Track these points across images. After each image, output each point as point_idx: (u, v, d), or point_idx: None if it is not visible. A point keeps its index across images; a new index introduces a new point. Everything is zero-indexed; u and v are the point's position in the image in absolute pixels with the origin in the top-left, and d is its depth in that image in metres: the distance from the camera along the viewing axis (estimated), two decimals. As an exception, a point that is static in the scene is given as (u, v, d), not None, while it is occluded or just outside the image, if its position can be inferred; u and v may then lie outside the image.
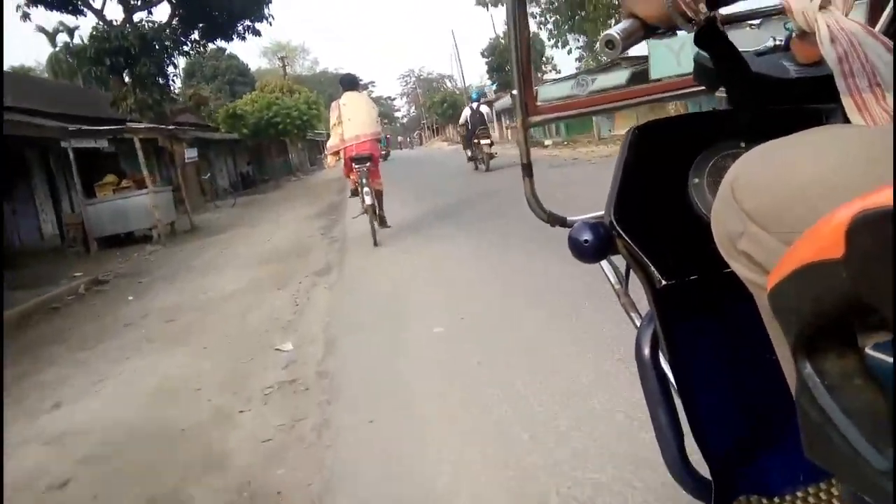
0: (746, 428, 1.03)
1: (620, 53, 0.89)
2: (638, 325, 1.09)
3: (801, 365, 0.54)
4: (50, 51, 30.90)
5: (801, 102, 0.94)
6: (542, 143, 24.98)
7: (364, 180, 6.88)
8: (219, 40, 18.83)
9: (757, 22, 1.10)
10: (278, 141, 27.93)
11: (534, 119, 1.12)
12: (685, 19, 0.83)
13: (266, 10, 18.37)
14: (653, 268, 0.95)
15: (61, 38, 28.88)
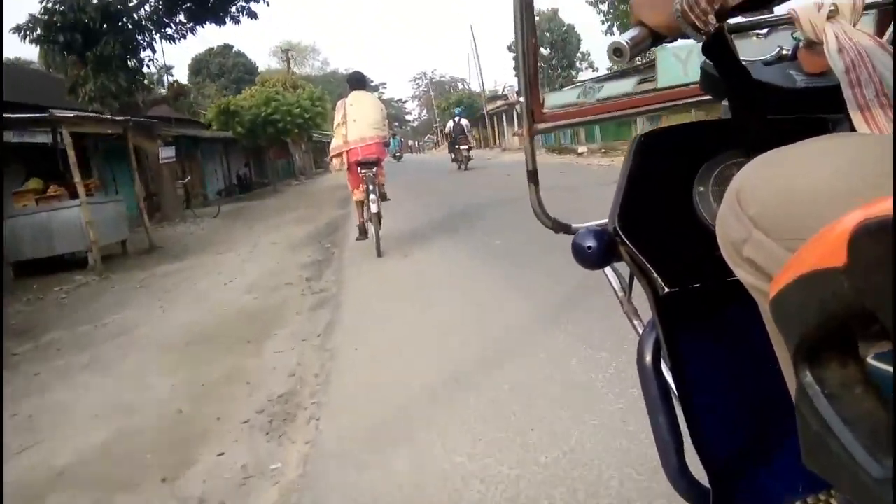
0: (747, 437, 1.02)
1: (629, 61, 0.88)
2: (640, 332, 1.09)
3: (801, 373, 0.54)
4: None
5: (808, 112, 0.94)
6: (575, 150, 22.12)
7: (371, 186, 6.35)
8: (208, 23, 15.95)
9: (764, 31, 1.08)
10: (280, 141, 25.09)
11: (540, 126, 1.14)
12: (694, 29, 0.80)
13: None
14: (656, 275, 0.95)
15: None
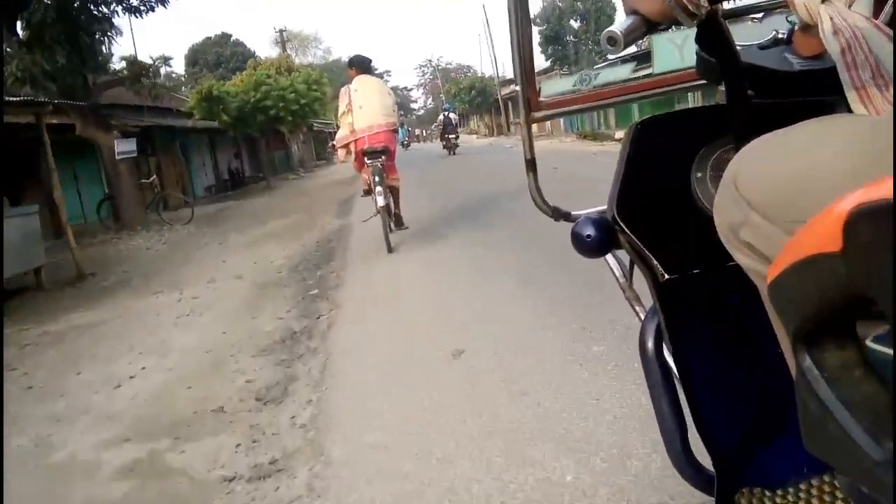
0: (750, 420, 1.02)
1: (623, 50, 0.87)
2: (642, 318, 1.08)
3: (800, 357, 0.54)
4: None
5: (805, 95, 0.92)
6: (611, 135, 19.28)
7: (378, 177, 5.79)
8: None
9: (759, 15, 1.08)
10: (274, 131, 22.31)
11: (537, 115, 1.13)
12: (687, 14, 0.81)
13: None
14: (656, 262, 0.96)
15: None
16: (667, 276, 0.95)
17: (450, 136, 22.87)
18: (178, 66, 50.21)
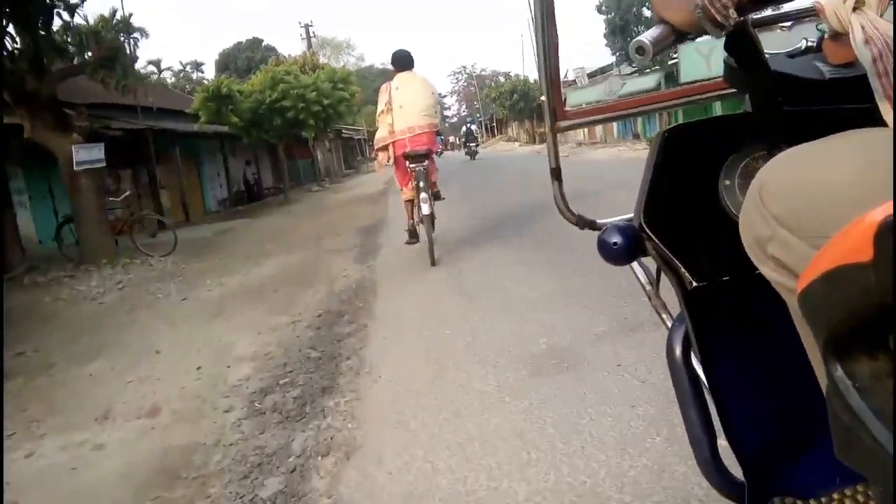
0: (780, 429, 1.02)
1: (651, 59, 0.87)
2: (669, 326, 1.09)
3: (831, 367, 0.54)
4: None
5: (836, 104, 0.91)
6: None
7: (422, 183, 5.34)
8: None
9: (789, 24, 1.09)
10: (294, 136, 19.59)
11: (562, 124, 1.14)
12: (715, 25, 0.80)
13: None
14: (683, 270, 0.96)
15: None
16: (695, 283, 0.95)
17: (471, 143, 27.80)
18: (209, 72, 48.71)
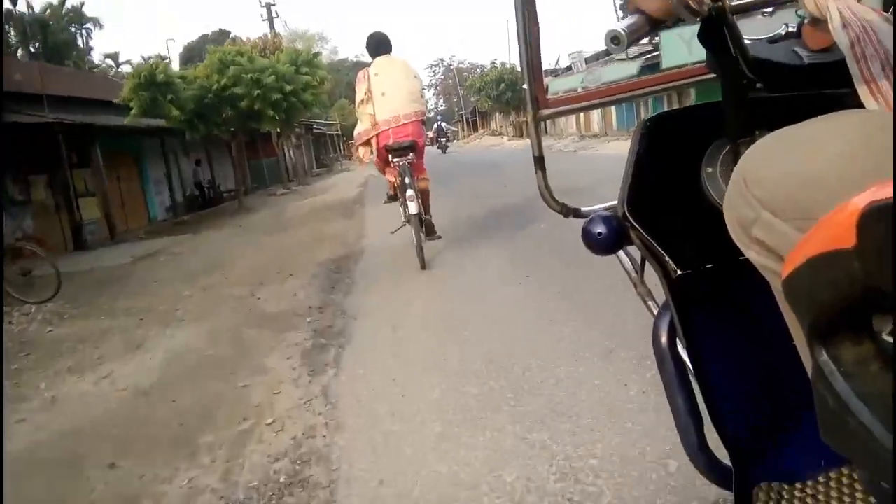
0: (766, 414, 1.02)
1: (626, 49, 0.89)
2: (655, 314, 1.09)
3: (816, 351, 0.54)
4: None
5: (815, 89, 0.93)
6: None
7: (407, 179, 4.81)
8: None
9: (770, 10, 1.09)
10: (261, 134, 16.64)
11: (545, 113, 1.13)
12: (690, 11, 0.82)
13: None
14: (667, 258, 0.97)
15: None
16: (679, 271, 0.96)
17: (441, 139, 31.61)
18: (174, 67, 45.46)
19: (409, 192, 4.73)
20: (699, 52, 0.98)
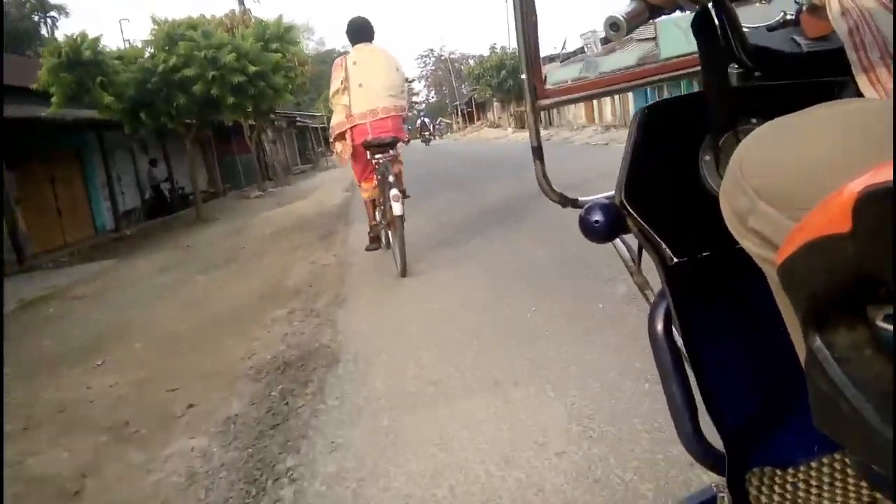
0: (759, 401, 1.03)
1: (625, 36, 0.89)
2: (651, 302, 1.09)
3: (810, 338, 0.54)
4: None
5: (814, 76, 0.92)
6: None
7: (389, 178, 4.38)
8: None
9: None
10: (210, 123, 13.74)
11: (543, 102, 1.13)
12: None
13: None
14: (664, 246, 0.97)
15: None
16: (675, 259, 0.96)
17: (425, 133, 33.81)
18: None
19: (393, 191, 4.32)
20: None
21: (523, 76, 1.09)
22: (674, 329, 1.01)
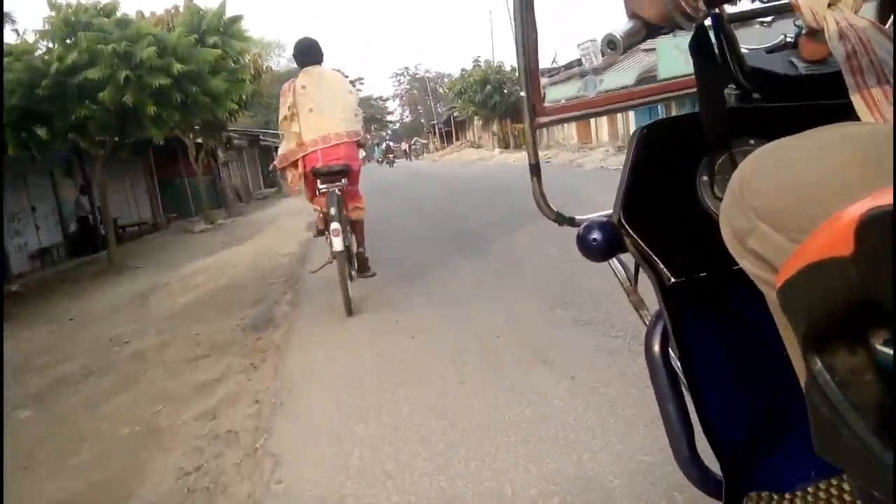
0: (757, 424, 1.01)
1: (622, 54, 0.86)
2: (648, 322, 1.07)
3: (811, 361, 0.53)
4: None
5: (811, 99, 0.92)
6: None
7: (333, 210, 4.15)
8: None
9: (768, 19, 1.07)
10: (156, 141, 10.90)
11: (542, 120, 1.12)
12: (687, 18, 0.79)
13: None
14: (662, 266, 0.95)
15: None
16: (673, 279, 0.94)
17: (389, 155, 36.22)
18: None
19: (333, 224, 4.06)
20: None
21: (522, 93, 1.09)
22: (671, 350, 0.99)
